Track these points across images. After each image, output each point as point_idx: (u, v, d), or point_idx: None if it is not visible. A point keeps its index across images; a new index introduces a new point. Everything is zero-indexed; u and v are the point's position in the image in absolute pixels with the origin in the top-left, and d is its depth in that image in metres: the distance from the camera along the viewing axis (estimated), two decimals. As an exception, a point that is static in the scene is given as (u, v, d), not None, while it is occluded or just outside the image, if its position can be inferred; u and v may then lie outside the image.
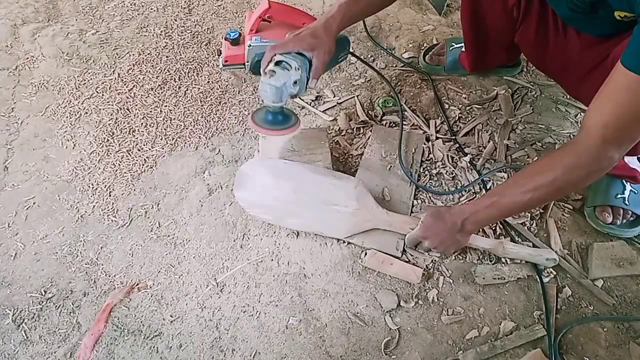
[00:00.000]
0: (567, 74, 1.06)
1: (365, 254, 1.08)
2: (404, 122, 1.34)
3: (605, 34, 0.93)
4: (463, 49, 1.39)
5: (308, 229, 1.11)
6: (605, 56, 0.91)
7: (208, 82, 1.47)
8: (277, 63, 1.01)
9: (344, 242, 1.12)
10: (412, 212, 1.15)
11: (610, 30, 0.91)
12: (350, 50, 1.18)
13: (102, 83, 1.47)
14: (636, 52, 0.70)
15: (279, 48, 1.02)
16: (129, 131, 1.34)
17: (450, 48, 1.44)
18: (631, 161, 1.09)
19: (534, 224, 1.14)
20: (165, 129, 1.34)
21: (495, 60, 1.38)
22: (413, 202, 1.17)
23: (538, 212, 1.15)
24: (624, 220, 1.10)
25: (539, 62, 1.17)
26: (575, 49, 1.01)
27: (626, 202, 1.09)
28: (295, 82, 1.00)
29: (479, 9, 1.18)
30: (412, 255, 1.09)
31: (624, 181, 1.11)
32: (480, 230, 1.12)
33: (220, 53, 1.48)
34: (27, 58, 1.55)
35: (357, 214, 1.09)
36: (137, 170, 1.26)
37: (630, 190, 1.11)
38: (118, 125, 1.36)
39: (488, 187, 1.19)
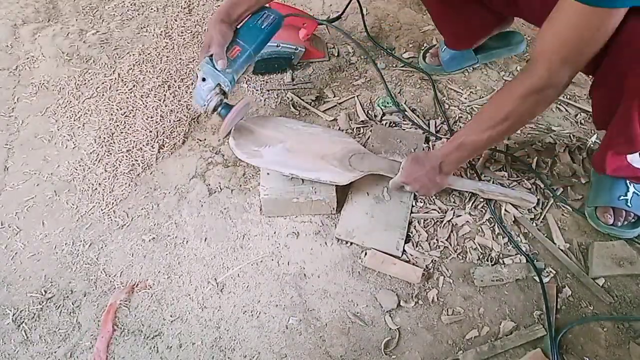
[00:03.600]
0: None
1: (365, 254, 1.08)
2: (404, 122, 1.34)
3: None
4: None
5: (308, 175, 1.11)
6: None
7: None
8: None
9: (344, 242, 1.12)
10: (411, 212, 1.16)
11: None
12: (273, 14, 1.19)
13: (102, 83, 1.47)
14: None
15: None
16: (129, 131, 1.34)
17: (443, 49, 1.44)
18: (634, 160, 1.08)
19: (534, 223, 1.14)
20: (165, 129, 1.34)
21: (477, 26, 1.34)
22: (413, 202, 1.17)
23: (539, 211, 1.16)
24: (625, 222, 1.10)
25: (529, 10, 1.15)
26: None
27: (629, 204, 1.09)
28: (213, 87, 1.10)
29: None
30: (412, 255, 1.09)
31: (627, 182, 1.11)
32: (480, 230, 1.12)
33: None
34: (28, 58, 1.55)
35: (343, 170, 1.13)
36: (137, 170, 1.26)
37: (634, 192, 1.10)
38: (118, 125, 1.36)
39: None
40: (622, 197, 1.10)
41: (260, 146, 1.14)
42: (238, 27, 1.14)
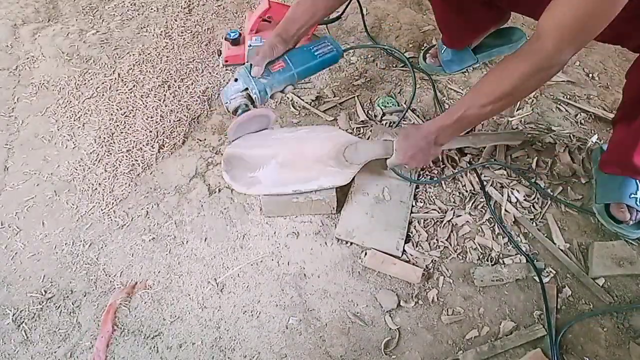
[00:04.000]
0: None
1: (365, 254, 1.08)
2: (404, 121, 1.34)
3: None
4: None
5: (304, 187, 1.11)
6: None
7: (208, 82, 1.47)
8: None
9: (344, 242, 1.12)
10: (411, 212, 1.16)
11: None
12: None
13: (102, 83, 1.47)
14: None
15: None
16: (129, 131, 1.34)
17: (443, 50, 1.44)
18: None
19: (534, 223, 1.14)
20: (165, 129, 1.34)
21: (474, 25, 1.34)
22: (413, 202, 1.17)
23: (539, 211, 1.16)
24: (636, 221, 1.10)
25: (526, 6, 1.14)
26: None
27: (638, 202, 1.09)
28: (242, 89, 1.12)
29: None
30: (412, 255, 1.09)
31: (637, 181, 1.11)
32: (480, 230, 1.12)
33: (221, 53, 1.48)
34: (28, 58, 1.55)
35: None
36: (137, 170, 1.26)
37: None
38: (118, 125, 1.36)
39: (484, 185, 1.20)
40: (632, 195, 1.09)
41: (254, 171, 1.12)
42: (296, 46, 1.16)
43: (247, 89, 1.12)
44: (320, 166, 1.12)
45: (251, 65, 1.11)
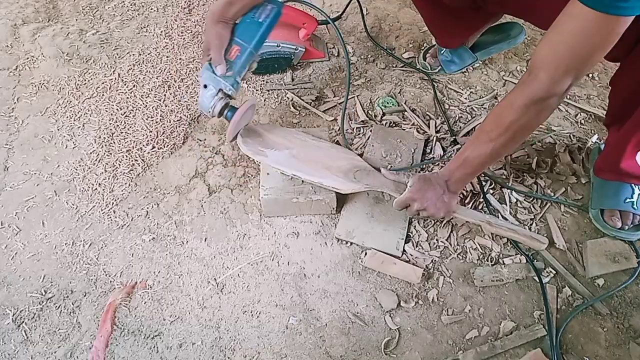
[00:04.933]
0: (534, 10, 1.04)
1: (365, 254, 1.08)
2: (404, 123, 1.34)
3: None
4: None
5: (310, 177, 1.10)
6: None
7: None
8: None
9: (344, 242, 1.12)
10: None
11: None
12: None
13: (102, 83, 1.47)
14: None
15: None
16: (129, 131, 1.34)
17: (442, 51, 1.44)
18: None
19: (534, 223, 1.14)
20: (165, 129, 1.34)
21: (465, 24, 1.33)
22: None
23: (539, 211, 1.16)
24: (631, 225, 1.09)
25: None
26: None
27: (635, 206, 1.09)
28: (215, 93, 1.06)
29: None
30: (412, 255, 1.09)
31: (632, 185, 1.10)
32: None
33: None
34: (28, 58, 1.55)
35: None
36: (137, 170, 1.26)
37: (639, 194, 1.10)
38: (118, 125, 1.36)
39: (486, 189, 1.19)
40: (628, 200, 1.09)
41: (266, 148, 1.13)
42: (236, 22, 1.07)
43: (220, 89, 1.07)
44: (327, 172, 1.11)
45: (211, 64, 1.06)
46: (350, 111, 1.38)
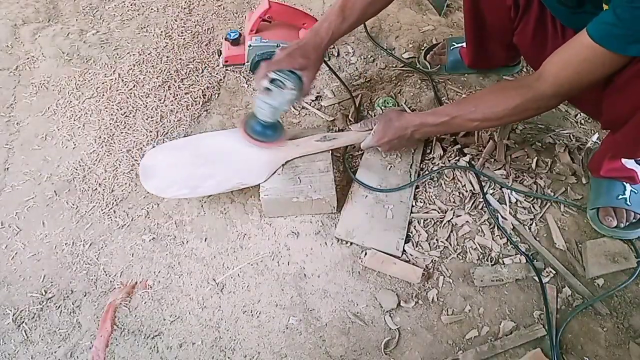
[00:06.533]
0: None
1: (365, 254, 1.08)
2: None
3: None
4: (464, 46, 1.40)
5: (228, 184, 1.12)
6: None
7: (208, 82, 1.47)
8: (272, 81, 1.05)
9: (344, 242, 1.12)
10: (411, 212, 1.15)
11: None
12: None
13: (103, 83, 1.47)
14: (601, 24, 0.78)
15: (273, 65, 1.07)
16: (129, 131, 1.34)
17: (451, 47, 1.44)
18: (628, 162, 1.09)
19: (534, 223, 1.14)
20: (165, 129, 1.34)
21: (494, 59, 1.37)
22: (412, 202, 1.17)
23: (539, 211, 1.16)
24: (627, 222, 1.10)
25: (537, 63, 1.17)
26: None
27: (628, 202, 1.09)
28: (289, 101, 1.07)
29: (479, 4, 1.19)
30: (412, 255, 1.09)
31: (623, 183, 1.11)
32: (480, 230, 1.12)
33: (221, 53, 1.49)
34: (28, 58, 1.55)
35: (267, 153, 1.15)
36: (137, 170, 1.26)
37: (631, 190, 1.10)
38: (118, 125, 1.36)
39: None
40: (620, 196, 1.10)
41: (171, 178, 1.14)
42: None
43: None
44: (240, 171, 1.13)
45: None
46: (350, 111, 1.38)
